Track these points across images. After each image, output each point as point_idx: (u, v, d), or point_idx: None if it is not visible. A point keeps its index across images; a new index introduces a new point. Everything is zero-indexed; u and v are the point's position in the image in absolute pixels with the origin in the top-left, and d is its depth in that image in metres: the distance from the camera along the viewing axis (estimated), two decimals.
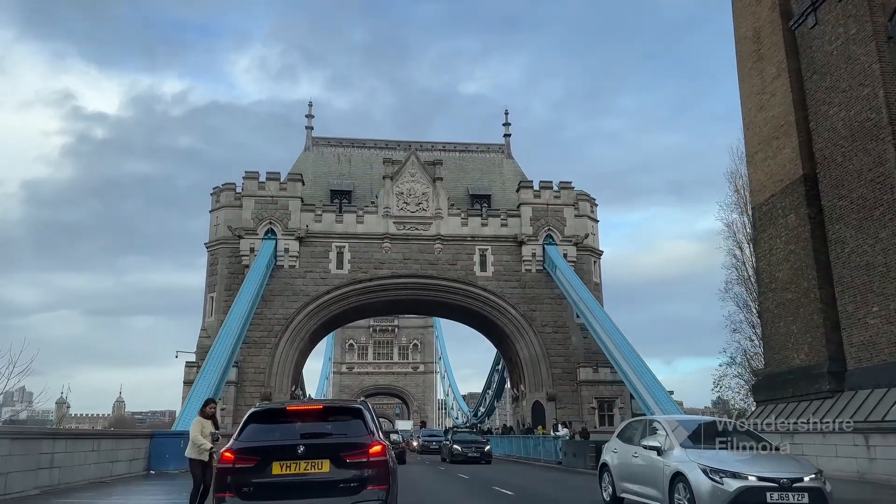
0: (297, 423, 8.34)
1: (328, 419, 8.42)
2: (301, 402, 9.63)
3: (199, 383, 29.27)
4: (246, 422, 8.41)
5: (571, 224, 47.48)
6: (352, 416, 8.42)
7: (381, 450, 8.03)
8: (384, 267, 45.94)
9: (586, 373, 44.87)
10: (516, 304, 46.07)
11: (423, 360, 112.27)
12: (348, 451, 7.94)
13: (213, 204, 48.04)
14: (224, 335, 33.68)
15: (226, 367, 33.19)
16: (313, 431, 8.18)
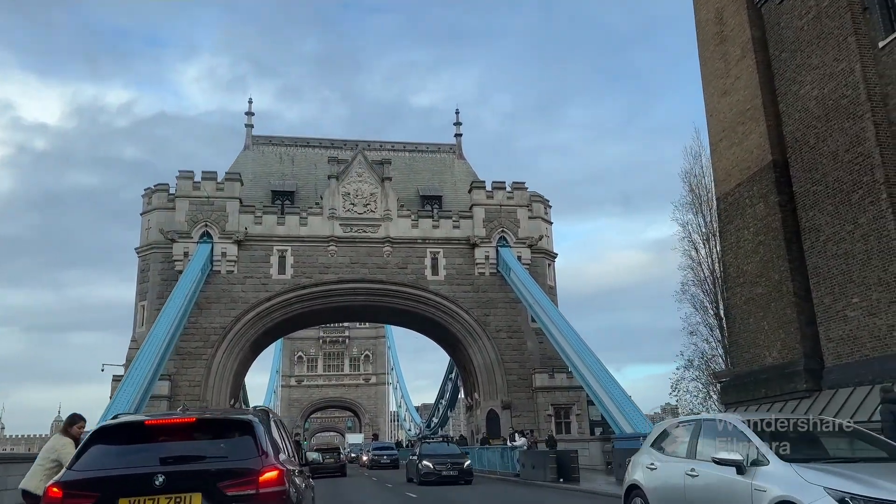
0: (161, 443, 5.81)
1: (205, 437, 5.91)
2: (167, 414, 6.77)
3: (118, 398, 26.07)
4: (87, 443, 5.84)
5: (525, 226, 45.60)
6: (239, 432, 5.93)
7: (276, 477, 5.59)
8: (330, 271, 43.15)
9: (542, 379, 42.87)
10: (469, 308, 43.85)
11: (374, 372, 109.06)
12: (229, 480, 5.48)
13: (144, 206, 44.49)
14: (149, 345, 30.42)
15: (151, 380, 29.96)
16: (181, 454, 5.67)
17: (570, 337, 33.62)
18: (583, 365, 31.39)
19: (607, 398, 28.35)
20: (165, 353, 32.10)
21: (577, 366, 32.35)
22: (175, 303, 34.49)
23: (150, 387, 29.78)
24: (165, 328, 31.89)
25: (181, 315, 35.02)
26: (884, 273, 17.63)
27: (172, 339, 33.51)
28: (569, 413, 42.90)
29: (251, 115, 48.53)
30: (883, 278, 17.64)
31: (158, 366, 30.70)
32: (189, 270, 38.58)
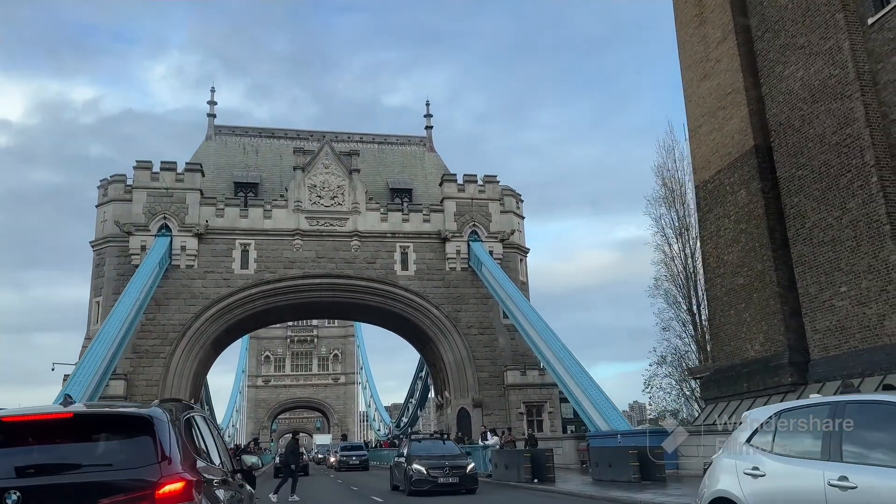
0: (25, 446, 4.35)
1: (86, 438, 4.44)
2: (40, 409, 5.13)
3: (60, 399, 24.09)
4: None
5: (497, 220, 44.40)
6: (134, 432, 4.48)
7: (180, 490, 4.18)
8: (295, 266, 41.42)
9: (514, 376, 41.70)
10: (440, 304, 42.49)
11: (343, 371, 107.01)
12: (114, 495, 4.06)
13: (99, 198, 42.22)
14: (99, 342, 28.42)
15: (101, 380, 28.01)
16: (48, 462, 4.22)
17: (543, 332, 32.48)
18: (556, 361, 30.25)
19: (582, 395, 27.24)
20: (118, 350, 30.15)
21: (550, 362, 31.22)
22: (129, 297, 32.50)
23: (100, 386, 27.82)
24: (118, 324, 29.92)
25: (136, 311, 33.04)
26: (874, 260, 16.77)
27: (126, 336, 31.55)
28: (541, 411, 41.80)
29: (214, 105, 46.56)
30: (873, 265, 16.77)
31: (110, 364, 28.75)
32: (146, 264, 36.55)
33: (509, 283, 38.19)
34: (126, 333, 31.45)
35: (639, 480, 18.85)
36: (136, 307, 33.11)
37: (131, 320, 32.22)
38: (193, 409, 5.58)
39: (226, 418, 76.99)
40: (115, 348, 29.71)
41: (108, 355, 28.16)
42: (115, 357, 29.76)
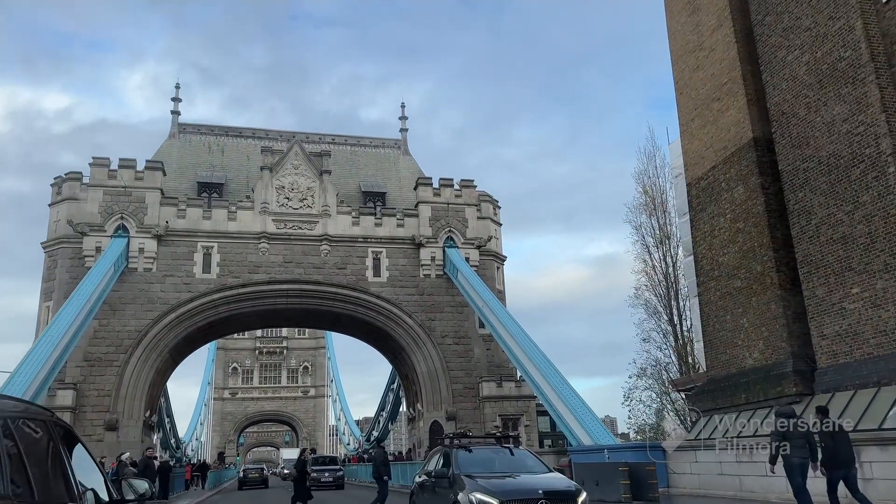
0: None
1: None
2: None
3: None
4: None
5: (474, 226, 42.51)
6: None
7: None
8: (261, 271, 38.99)
9: (490, 388, 39.65)
10: (413, 312, 40.35)
11: (313, 384, 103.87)
12: None
13: (53, 196, 39.39)
14: (41, 346, 25.68)
15: (41, 388, 25.29)
16: None
17: (522, 341, 30.52)
18: (536, 371, 28.28)
19: (563, 407, 25.27)
20: (63, 356, 27.41)
21: (529, 372, 29.24)
22: (79, 299, 29.79)
23: (39, 395, 25.05)
24: (63, 327, 27.21)
25: (86, 314, 30.33)
26: (891, 258, 15.15)
27: (73, 341, 28.82)
28: (517, 424, 39.74)
29: (178, 101, 44.10)
30: (890, 264, 15.15)
31: (52, 371, 26.01)
32: (99, 264, 33.86)
33: (486, 291, 36.24)
34: (73, 338, 28.75)
35: (629, 500, 16.94)
36: (87, 310, 30.41)
37: (80, 324, 29.52)
38: (18, 420, 3.48)
39: (189, 431, 73.51)
40: (60, 353, 27.01)
41: (49, 361, 25.46)
42: (58, 363, 27.05)
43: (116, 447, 34.69)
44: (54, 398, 33.75)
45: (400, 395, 53.22)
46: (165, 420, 54.30)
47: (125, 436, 35.06)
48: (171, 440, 58.42)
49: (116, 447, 34.69)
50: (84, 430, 34.35)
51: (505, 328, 32.08)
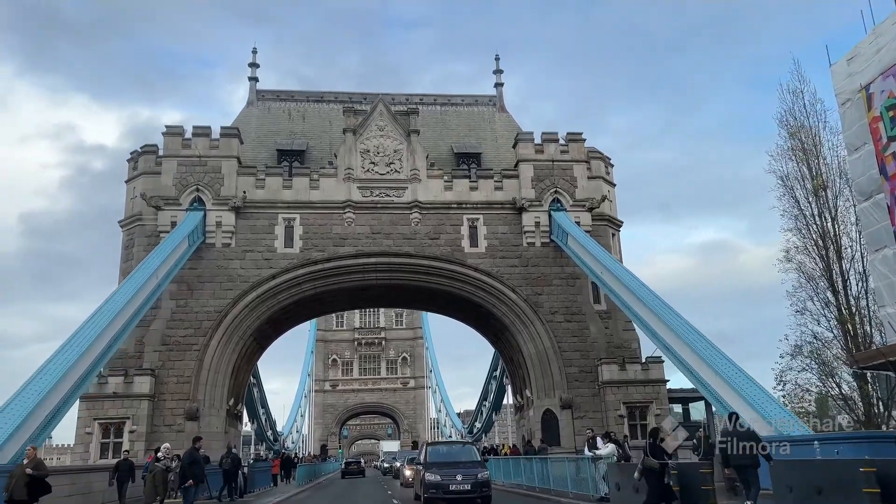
0: None
1: None
2: None
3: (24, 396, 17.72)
4: None
5: (584, 185, 36.48)
6: None
7: None
8: (347, 243, 34.71)
9: (611, 371, 33.57)
10: (517, 286, 34.89)
11: (413, 375, 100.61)
12: None
13: (129, 172, 36.77)
14: (98, 318, 21.97)
15: (94, 366, 21.72)
16: None
17: (662, 312, 24.31)
18: (686, 349, 22.03)
19: (730, 392, 19.00)
20: (120, 336, 23.84)
21: (675, 350, 22.99)
22: (142, 273, 26.37)
23: (91, 375, 21.44)
24: (120, 303, 23.64)
25: (152, 290, 26.93)
26: None
27: (133, 320, 25.31)
28: (646, 413, 33.48)
29: (255, 67, 40.60)
30: None
31: (104, 353, 22.36)
32: (171, 237, 30.65)
33: (606, 255, 30.26)
34: (136, 315, 25.26)
35: None
36: (153, 285, 26.99)
37: (145, 300, 26.08)
38: None
39: (288, 423, 71.37)
40: (117, 332, 23.46)
41: (102, 340, 21.84)
42: (114, 343, 23.45)
43: None
44: (131, 385, 30.84)
45: (504, 383, 47.94)
46: (259, 410, 51.57)
47: (207, 426, 31.66)
48: (266, 432, 55.82)
49: None
50: (163, 419, 31.26)
51: (637, 297, 25.95)
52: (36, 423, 17.85)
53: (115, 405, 30.60)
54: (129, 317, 24.22)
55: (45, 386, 17.97)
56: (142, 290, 25.34)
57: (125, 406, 30.62)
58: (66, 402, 19.21)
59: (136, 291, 24.57)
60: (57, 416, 18.86)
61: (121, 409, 30.59)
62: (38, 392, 17.65)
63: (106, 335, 22.04)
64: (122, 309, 23.23)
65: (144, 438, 30.25)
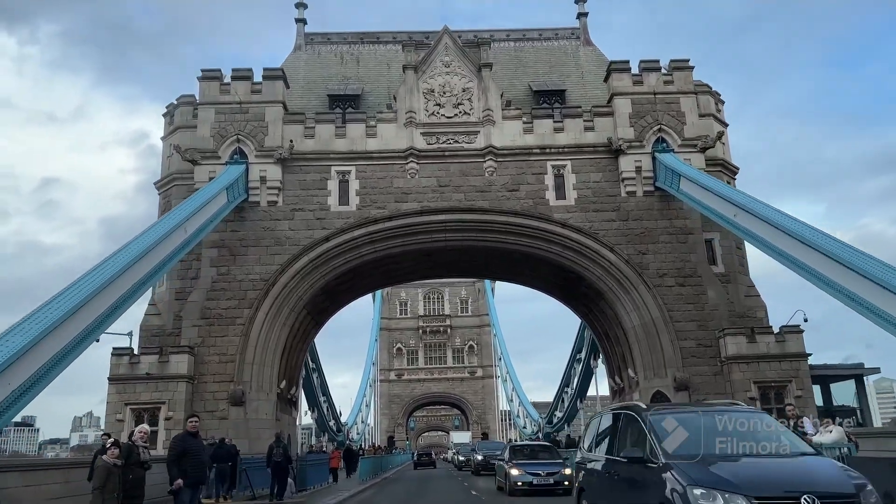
0: None
1: None
2: None
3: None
4: None
5: (693, 122, 29.87)
6: None
7: None
8: (410, 199, 29.26)
9: (737, 344, 26.96)
10: (615, 245, 28.67)
11: (480, 364, 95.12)
12: None
13: (165, 129, 32.44)
14: (90, 278, 16.98)
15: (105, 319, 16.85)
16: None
17: (842, 253, 17.67)
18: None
19: None
20: (133, 295, 18.90)
21: (871, 305, 16.20)
22: (169, 220, 21.56)
23: (99, 329, 16.44)
24: (136, 252, 18.67)
25: (181, 244, 22.07)
26: None
27: (154, 276, 20.44)
28: (783, 394, 26.72)
29: (303, 8, 35.55)
30: None
31: (109, 315, 17.38)
32: (207, 188, 25.96)
33: (739, 193, 23.67)
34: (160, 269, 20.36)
35: None
36: (184, 239, 22.14)
37: (171, 253, 21.20)
38: None
39: (352, 414, 66.90)
40: (135, 285, 18.55)
41: (108, 295, 16.92)
42: (129, 298, 18.48)
43: (244, 426, 26.58)
44: (167, 365, 26.28)
45: (591, 366, 41.64)
46: (320, 398, 46.89)
47: (255, 412, 26.84)
48: (329, 422, 51.21)
49: (244, 426, 26.58)
50: (204, 404, 26.57)
51: (797, 235, 19.31)
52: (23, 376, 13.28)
53: (148, 388, 26.09)
54: (148, 273, 19.30)
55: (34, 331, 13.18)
56: (164, 243, 20.46)
57: (160, 389, 26.06)
58: (59, 363, 14.36)
59: (155, 243, 19.66)
60: (48, 376, 14.12)
61: (155, 392, 26.06)
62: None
63: (112, 291, 17.12)
64: (134, 262, 18.29)
65: (183, 426, 25.58)
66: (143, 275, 18.99)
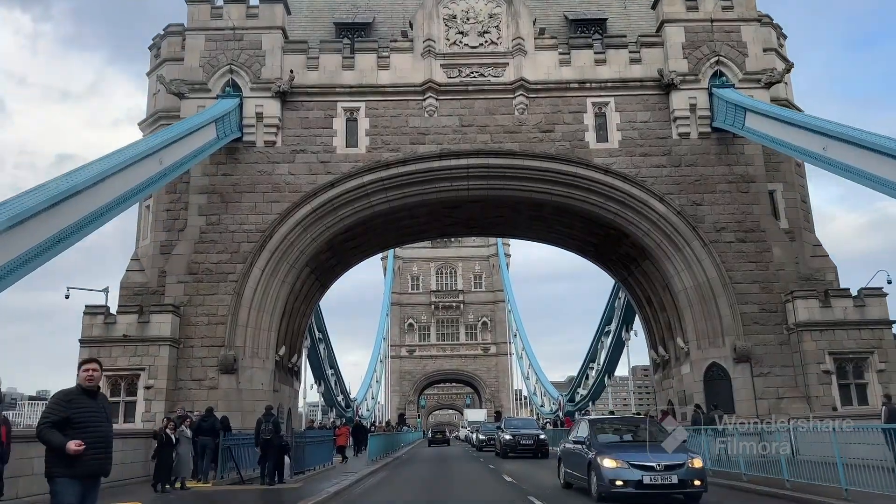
0: None
1: None
2: None
3: None
4: None
5: (756, 54, 25.61)
6: None
7: None
8: (428, 140, 25.29)
9: (809, 308, 22.95)
10: (666, 194, 24.63)
11: (494, 341, 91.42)
12: None
13: (151, 62, 28.54)
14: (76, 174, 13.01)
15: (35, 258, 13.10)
16: None
17: None
18: None
19: None
20: (96, 220, 14.98)
21: None
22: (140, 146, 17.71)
23: (14, 277, 12.72)
24: (104, 168, 14.85)
25: (154, 177, 18.23)
26: None
27: (125, 202, 16.47)
28: (862, 368, 22.76)
29: None
30: None
31: (57, 243, 13.57)
32: (191, 118, 22.12)
33: (825, 122, 19.44)
34: (121, 202, 16.50)
35: None
36: (158, 171, 18.30)
37: (140, 185, 17.36)
38: None
39: (362, 389, 63.51)
40: (101, 209, 14.76)
41: (72, 208, 13.16)
42: (94, 221, 14.66)
43: (236, 397, 22.95)
44: (147, 326, 22.62)
45: (623, 338, 37.71)
46: (328, 371, 43.34)
47: (248, 381, 23.19)
48: (337, 397, 47.73)
49: (236, 397, 22.95)
50: (191, 372, 22.97)
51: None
52: None
53: (126, 353, 22.47)
54: (106, 204, 15.42)
55: None
56: (131, 171, 16.59)
57: (139, 354, 22.44)
58: None
59: (115, 168, 15.75)
60: None
61: (134, 357, 22.43)
62: None
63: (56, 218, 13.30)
64: (87, 186, 14.41)
65: (164, 396, 22.01)
66: (100, 205, 15.13)
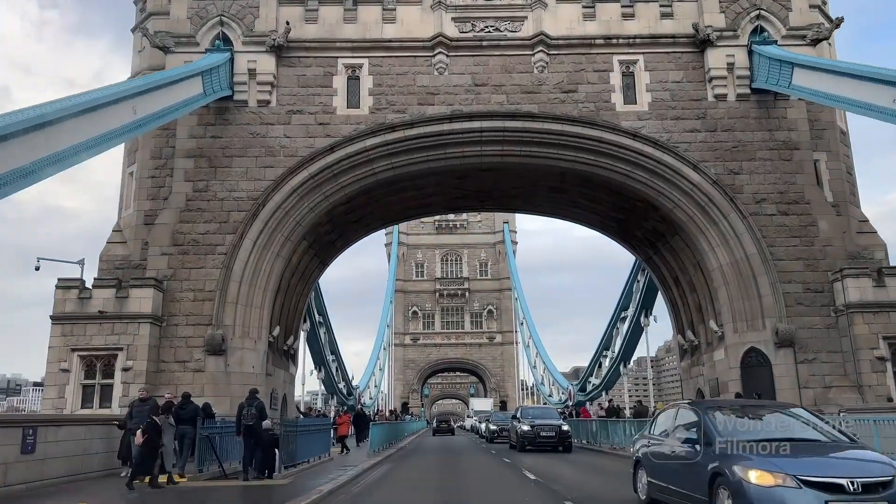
0: None
1: None
2: None
3: None
4: None
5: (801, 8, 23.10)
6: None
7: None
8: (437, 101, 22.88)
9: (860, 287, 20.59)
10: (700, 161, 22.21)
11: (499, 329, 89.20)
12: None
13: (137, 17, 26.17)
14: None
15: None
16: None
17: None
18: None
19: None
20: (52, 165, 12.62)
21: None
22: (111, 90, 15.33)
23: None
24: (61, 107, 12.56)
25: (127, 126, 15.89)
26: None
27: (86, 151, 14.07)
28: None
29: None
30: None
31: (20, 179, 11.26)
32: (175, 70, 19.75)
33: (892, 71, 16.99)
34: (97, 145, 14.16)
35: None
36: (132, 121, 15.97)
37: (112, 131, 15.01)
38: None
39: (364, 377, 61.35)
40: (57, 156, 12.47)
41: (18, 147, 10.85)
42: (48, 167, 12.36)
43: (224, 381, 20.70)
44: (126, 301, 20.37)
45: (641, 323, 35.35)
46: (328, 357, 41.12)
47: (238, 363, 20.93)
48: (338, 384, 45.55)
49: (224, 381, 20.70)
50: (175, 352, 20.72)
51: None
52: None
53: (102, 330, 20.26)
54: (65, 150, 13.06)
55: None
56: (96, 115, 14.24)
57: (117, 332, 20.23)
58: None
59: (74, 109, 13.38)
60: None
61: (111, 336, 20.22)
62: None
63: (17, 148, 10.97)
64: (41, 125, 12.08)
65: (145, 378, 19.75)
66: (57, 150, 12.78)
